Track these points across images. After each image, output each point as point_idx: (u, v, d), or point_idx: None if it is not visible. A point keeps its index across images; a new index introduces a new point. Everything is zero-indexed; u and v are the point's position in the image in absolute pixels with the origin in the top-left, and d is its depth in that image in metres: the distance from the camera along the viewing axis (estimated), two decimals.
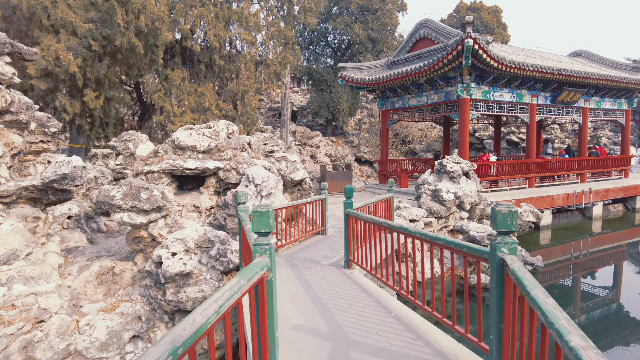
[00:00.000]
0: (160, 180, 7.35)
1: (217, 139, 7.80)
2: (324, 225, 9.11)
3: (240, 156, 7.94)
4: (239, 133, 8.22)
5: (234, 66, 13.78)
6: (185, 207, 7.65)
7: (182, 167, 7.29)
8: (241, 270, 2.54)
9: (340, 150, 25.66)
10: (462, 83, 14.52)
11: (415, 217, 10.07)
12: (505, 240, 2.89)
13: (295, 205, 7.74)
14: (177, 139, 7.54)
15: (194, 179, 8.12)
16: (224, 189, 7.91)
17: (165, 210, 7.03)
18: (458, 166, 12.05)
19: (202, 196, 7.79)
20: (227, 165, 7.73)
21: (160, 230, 7.04)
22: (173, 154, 7.59)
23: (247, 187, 7.40)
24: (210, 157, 7.71)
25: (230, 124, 8.20)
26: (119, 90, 11.48)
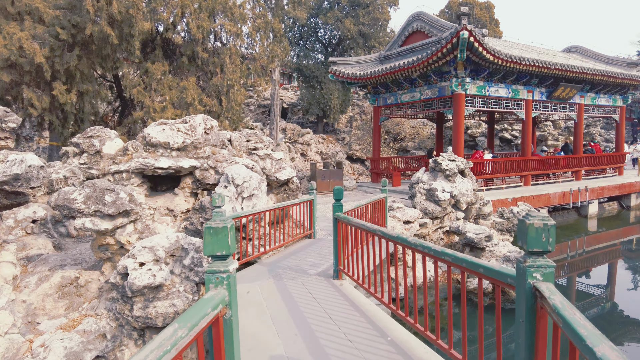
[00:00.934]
0: (130, 181, 6.57)
1: (194, 135, 7.03)
2: (312, 228, 8.39)
3: (220, 154, 7.18)
4: (220, 129, 7.45)
5: (219, 59, 12.97)
6: (158, 211, 6.88)
7: (153, 166, 6.52)
8: (185, 312, 1.81)
9: (331, 147, 24.94)
10: (456, 78, 13.87)
11: (409, 218, 9.39)
12: (539, 262, 2.20)
13: (280, 208, 7.01)
14: (148, 135, 6.76)
15: (168, 179, 7.34)
16: (202, 189, 7.15)
17: (134, 215, 6.25)
18: (454, 164, 11.40)
19: (177, 198, 7.02)
20: (205, 164, 6.97)
21: (128, 236, 6.27)
22: (144, 151, 6.81)
23: (226, 188, 6.65)
24: (185, 155, 6.95)
25: (209, 118, 7.43)
26: (93, 83, 10.62)
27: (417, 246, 3.38)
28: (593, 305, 9.83)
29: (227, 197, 6.58)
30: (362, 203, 6.88)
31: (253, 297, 5.12)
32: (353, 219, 4.91)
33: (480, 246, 9.89)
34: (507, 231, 12.51)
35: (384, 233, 3.94)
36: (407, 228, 9.22)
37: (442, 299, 8.53)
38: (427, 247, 3.26)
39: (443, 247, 3.11)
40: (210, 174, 7.00)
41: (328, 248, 7.51)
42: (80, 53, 9.71)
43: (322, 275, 5.88)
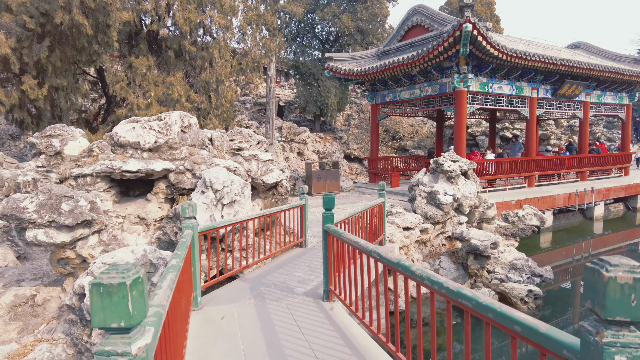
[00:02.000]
0: (95, 186, 5.74)
1: (168, 134, 6.20)
2: (303, 235, 7.58)
3: (198, 155, 6.35)
4: (210, 127, 6.61)
5: (207, 53, 12.11)
6: (128, 219, 6.05)
7: (120, 169, 5.69)
8: None
9: (328, 147, 24.12)
10: (458, 74, 13.04)
11: (409, 224, 8.58)
12: (626, 339, 1.38)
13: (266, 215, 6.19)
14: (116, 135, 5.93)
15: (142, 183, 6.51)
16: (178, 194, 6.33)
17: (97, 224, 5.43)
18: (456, 165, 10.59)
19: (150, 205, 6.19)
20: (181, 166, 6.15)
21: (91, 249, 5.45)
22: (111, 152, 5.98)
23: (203, 193, 5.83)
24: (159, 156, 6.12)
25: (187, 115, 6.60)
26: (70, 78, 9.78)
27: (425, 279, 2.56)
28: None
29: (204, 204, 5.75)
30: (357, 210, 6.06)
31: (227, 325, 4.30)
32: (345, 233, 4.09)
33: (486, 254, 9.09)
34: (512, 236, 11.71)
35: (384, 259, 3.13)
36: (407, 235, 8.41)
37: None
38: (438, 283, 2.44)
39: (459, 286, 2.28)
40: (186, 177, 6.17)
41: (319, 259, 6.70)
42: (52, 44, 8.86)
43: (311, 295, 5.07)
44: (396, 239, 7.89)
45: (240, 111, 27.20)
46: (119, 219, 5.84)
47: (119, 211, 5.94)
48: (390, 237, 7.88)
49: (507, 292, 8.66)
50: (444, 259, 9.94)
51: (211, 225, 5.07)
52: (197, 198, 5.77)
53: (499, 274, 9.41)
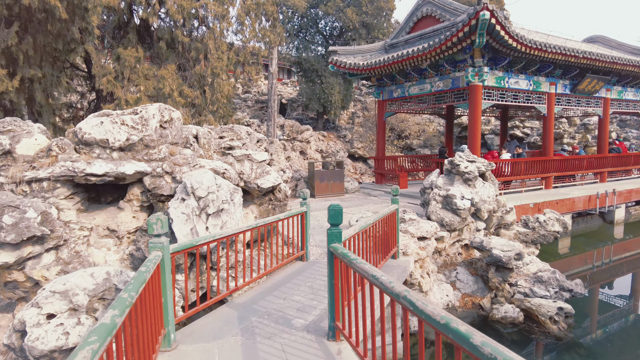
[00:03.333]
0: (54, 192, 4.70)
1: (145, 130, 5.15)
2: (304, 247, 6.52)
3: (180, 155, 5.30)
4: (181, 121, 5.57)
5: (202, 45, 11.06)
6: (96, 231, 5.02)
7: (84, 172, 4.65)
8: None
9: (332, 145, 23.04)
10: (473, 67, 11.94)
11: (425, 233, 7.51)
12: None
13: (260, 226, 5.13)
14: (80, 131, 4.89)
15: (115, 187, 5.47)
16: (157, 200, 5.28)
17: (53, 240, 4.39)
18: (474, 166, 9.50)
19: (122, 214, 5.15)
20: (159, 168, 5.10)
21: (45, 270, 4.41)
22: (75, 152, 4.93)
23: (184, 201, 4.78)
24: (132, 156, 5.07)
25: (168, 108, 5.55)
26: (47, 69, 8.76)
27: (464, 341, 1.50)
28: (616, 318, 8.28)
29: (184, 214, 4.70)
30: (368, 222, 4.98)
31: None
32: (357, 260, 3.03)
33: (509, 266, 8.01)
34: (533, 243, 10.61)
35: (407, 302, 2.07)
36: (422, 246, 7.34)
37: None
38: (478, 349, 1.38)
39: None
40: (165, 181, 5.12)
41: (323, 277, 5.65)
42: (23, 30, 7.86)
43: (313, 331, 4.01)
44: (411, 251, 6.82)
45: (241, 109, 26.16)
46: (84, 232, 4.80)
47: (85, 222, 4.90)
48: (404, 248, 6.82)
49: (533, 309, 7.58)
50: (460, 270, 8.87)
51: (188, 244, 4.02)
52: (176, 207, 4.72)
53: (523, 288, 8.33)
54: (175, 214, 4.68)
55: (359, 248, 4.68)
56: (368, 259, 4.93)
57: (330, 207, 3.69)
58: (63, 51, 9.08)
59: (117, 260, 5.05)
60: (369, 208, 11.55)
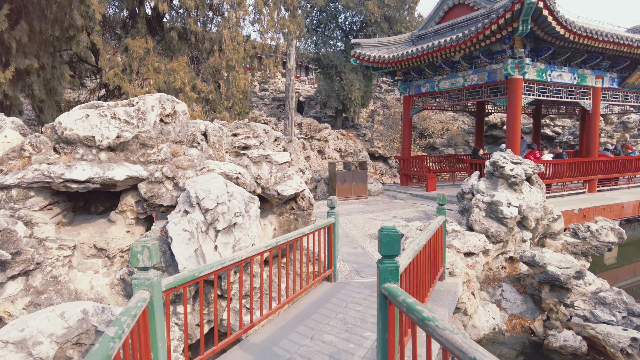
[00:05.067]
0: (26, 203, 3.73)
1: (141, 125, 4.14)
2: (332, 265, 5.44)
3: (185, 156, 4.28)
4: (187, 115, 4.55)
5: (216, 34, 10.06)
6: (81, 250, 4.03)
7: (61, 177, 3.66)
8: None
9: (351, 144, 21.91)
10: (513, 58, 10.66)
11: (472, 248, 6.35)
12: None
13: (281, 245, 4.08)
14: (60, 125, 3.90)
15: (107, 194, 4.48)
16: (157, 211, 4.26)
17: (18, 265, 3.41)
18: (520, 168, 8.28)
19: (113, 228, 4.15)
20: (158, 172, 4.08)
21: (10, 303, 3.44)
22: (54, 151, 3.95)
23: (187, 214, 3.75)
24: (125, 157, 4.07)
25: (171, 99, 4.53)
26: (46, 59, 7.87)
27: None
28: None
29: (187, 232, 3.67)
30: (421, 243, 3.85)
31: None
32: (437, 322, 1.92)
33: (567, 286, 6.78)
34: (583, 255, 9.32)
35: None
36: (470, 264, 6.18)
37: None
38: None
39: None
40: (165, 188, 4.10)
41: (358, 305, 4.56)
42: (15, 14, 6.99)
43: None
44: (458, 271, 5.68)
45: (258, 106, 25.24)
46: (64, 251, 3.81)
47: (66, 239, 3.91)
48: (451, 267, 5.68)
49: (599, 338, 6.34)
50: (506, 288, 7.66)
51: (187, 276, 2.97)
52: (177, 222, 3.69)
53: (581, 310, 7.07)
54: (175, 231, 3.65)
55: (409, 277, 3.57)
56: (417, 289, 3.82)
57: (383, 231, 2.60)
58: (62, 39, 8.19)
59: (107, 286, 4.05)
60: (397, 213, 10.41)
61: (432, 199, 12.14)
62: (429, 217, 9.97)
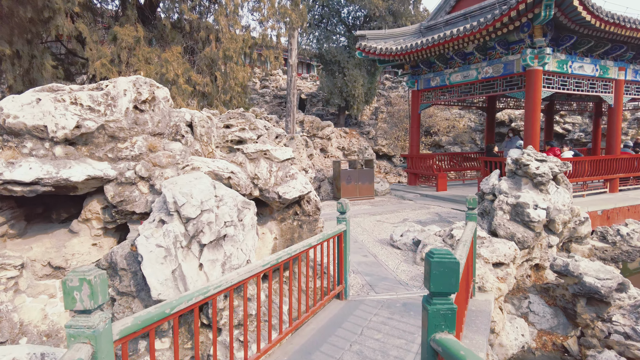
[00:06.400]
0: None
1: (110, 113, 3.30)
2: (342, 280, 4.60)
3: (164, 151, 3.45)
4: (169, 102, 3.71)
5: (212, 22, 9.21)
6: (32, 269, 3.19)
7: (0, 178, 2.81)
8: None
9: (354, 143, 21.04)
10: (532, 48, 9.79)
11: (502, 257, 5.49)
12: None
13: (283, 261, 3.24)
14: (1, 112, 3.06)
15: (73, 199, 3.64)
16: (131, 220, 3.42)
17: None
18: (546, 166, 7.42)
19: (75, 241, 3.32)
20: (129, 171, 3.24)
21: None
22: None
23: (163, 224, 2.91)
24: (88, 152, 3.24)
25: (150, 82, 3.70)
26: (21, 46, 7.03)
27: None
28: None
29: (162, 248, 2.83)
30: (462, 261, 2.98)
31: None
32: None
33: (607, 300, 5.92)
34: (613, 261, 8.46)
35: None
36: (501, 276, 5.32)
37: None
38: None
39: None
40: (139, 191, 3.27)
41: (376, 333, 3.71)
42: None
43: None
44: (489, 286, 4.83)
45: (259, 104, 24.39)
46: (8, 272, 2.98)
47: (11, 256, 3.07)
48: (481, 282, 4.83)
49: None
50: (533, 299, 6.81)
51: (152, 316, 2.13)
52: (149, 236, 2.85)
53: (621, 326, 6.21)
54: (146, 247, 2.80)
55: None
56: None
57: (434, 258, 1.75)
58: (37, 22, 7.34)
59: (67, 313, 3.21)
60: (408, 215, 9.56)
61: (443, 200, 11.29)
62: (443, 220, 9.13)
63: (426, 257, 1.82)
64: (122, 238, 3.57)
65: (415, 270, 5.80)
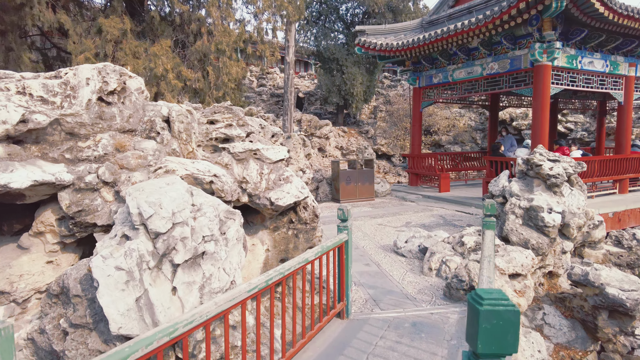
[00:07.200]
0: None
1: (67, 106, 2.75)
2: (344, 297, 4.05)
3: (134, 151, 2.89)
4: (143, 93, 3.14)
5: (204, 15, 8.64)
6: None
7: None
8: None
9: (353, 142, 20.50)
10: (540, 42, 9.26)
11: (519, 268, 4.95)
12: None
13: (275, 282, 2.69)
14: None
15: (29, 208, 3.07)
16: (92, 233, 2.85)
17: None
18: (559, 167, 6.88)
19: (25, 258, 2.76)
20: (90, 175, 2.68)
21: None
22: None
23: (128, 239, 2.35)
24: (39, 151, 2.68)
25: (120, 71, 3.14)
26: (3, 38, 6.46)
27: None
28: None
29: (123, 270, 2.27)
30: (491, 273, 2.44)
31: None
32: None
33: (634, 313, 5.40)
34: (628, 267, 7.95)
35: None
36: (519, 289, 4.79)
37: None
38: None
39: None
40: (102, 199, 2.72)
41: None
42: None
43: None
44: None
45: (256, 103, 23.83)
46: None
47: None
48: None
49: None
50: (548, 310, 6.27)
51: None
52: (107, 256, 2.29)
53: None
54: (103, 270, 2.25)
55: None
56: None
57: (483, 306, 1.20)
58: (8, 10, 6.76)
59: None
60: (410, 218, 9.02)
61: (446, 201, 10.75)
62: (448, 223, 8.60)
63: (470, 300, 1.27)
64: (86, 254, 3.01)
65: (422, 281, 5.25)
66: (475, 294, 1.29)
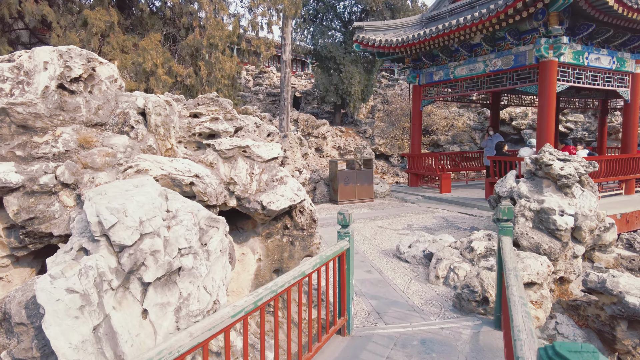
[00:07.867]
0: None
1: (18, 93, 2.29)
2: (345, 311, 3.62)
3: (102, 147, 2.44)
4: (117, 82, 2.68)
5: (196, 8, 8.20)
6: None
7: None
8: None
9: (351, 142, 20.08)
10: (546, 37, 8.87)
11: (535, 277, 4.55)
12: None
13: (266, 302, 2.26)
14: None
15: None
16: (48, 244, 2.41)
17: None
18: (570, 167, 6.49)
19: None
20: (47, 175, 2.23)
21: None
22: None
23: (87, 254, 1.89)
24: None
25: (88, 56, 2.71)
26: None
27: None
28: None
29: (76, 293, 1.82)
30: (516, 304, 2.02)
31: None
32: None
33: None
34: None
35: None
36: (535, 301, 4.38)
37: None
38: None
39: None
40: (60, 204, 2.27)
41: None
42: None
43: None
44: None
45: (252, 102, 23.37)
46: None
47: None
48: None
49: None
50: (561, 319, 5.86)
51: None
52: (58, 275, 1.85)
53: None
54: (50, 294, 1.81)
55: None
56: None
57: None
58: None
59: None
60: (412, 220, 8.61)
61: (448, 202, 10.35)
62: (451, 225, 8.19)
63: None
64: (41, 269, 2.57)
65: (429, 290, 4.83)
66: (553, 352, 0.87)
